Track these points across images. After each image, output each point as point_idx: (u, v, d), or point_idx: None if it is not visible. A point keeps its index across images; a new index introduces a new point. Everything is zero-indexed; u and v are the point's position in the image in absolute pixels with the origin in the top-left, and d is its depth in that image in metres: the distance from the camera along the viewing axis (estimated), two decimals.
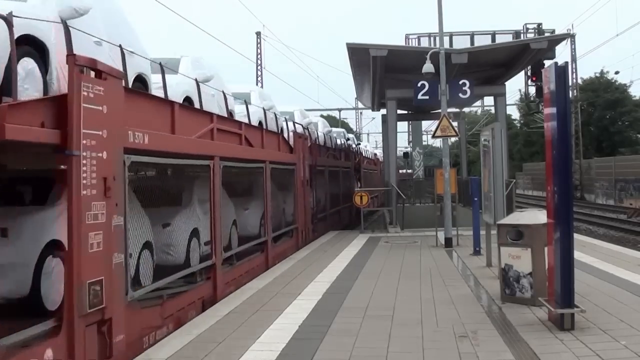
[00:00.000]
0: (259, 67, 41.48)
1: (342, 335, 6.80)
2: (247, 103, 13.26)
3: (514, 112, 60.61)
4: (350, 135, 37.09)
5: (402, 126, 36.83)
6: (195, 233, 9.52)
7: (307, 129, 19.69)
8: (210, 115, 10.08)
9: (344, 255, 13.74)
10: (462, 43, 24.20)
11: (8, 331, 5.33)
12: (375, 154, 45.22)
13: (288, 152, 16.11)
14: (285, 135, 16.44)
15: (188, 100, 9.71)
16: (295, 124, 18.08)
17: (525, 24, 29.54)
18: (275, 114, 15.75)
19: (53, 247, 6.23)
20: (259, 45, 41.43)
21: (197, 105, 10.01)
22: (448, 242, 14.66)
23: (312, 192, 18.89)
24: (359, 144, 34.09)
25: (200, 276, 9.47)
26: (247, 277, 11.15)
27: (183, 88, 9.70)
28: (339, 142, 27.11)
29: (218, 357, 6.21)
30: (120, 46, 7.31)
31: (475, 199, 12.86)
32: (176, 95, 9.03)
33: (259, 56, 41.56)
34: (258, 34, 41.33)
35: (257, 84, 40.93)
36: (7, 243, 5.97)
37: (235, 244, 11.42)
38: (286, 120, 17.07)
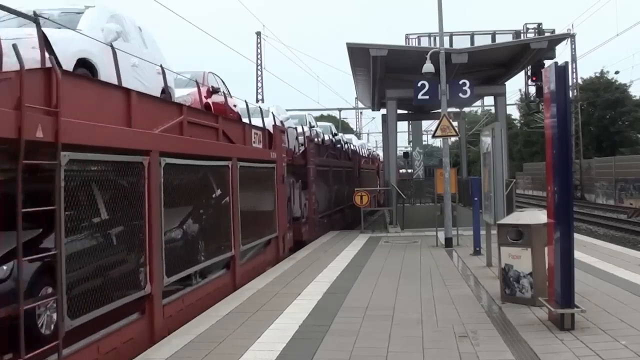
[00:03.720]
0: (259, 67, 41.54)
1: (342, 335, 6.80)
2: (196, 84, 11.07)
3: (514, 112, 60.81)
4: (350, 136, 35.99)
5: (402, 126, 36.82)
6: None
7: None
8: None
9: (344, 255, 13.74)
10: (462, 43, 24.18)
11: None
12: (371, 152, 43.70)
13: (265, 148, 13.89)
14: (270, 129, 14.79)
15: (84, 63, 7.02)
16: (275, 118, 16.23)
17: (525, 24, 29.55)
18: (246, 102, 13.69)
19: None
20: (259, 45, 41.52)
21: (102, 73, 7.31)
22: (448, 242, 14.66)
23: (299, 194, 18.30)
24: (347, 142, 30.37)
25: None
26: (206, 303, 8.79)
27: (77, 47, 6.99)
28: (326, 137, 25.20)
29: (218, 357, 6.20)
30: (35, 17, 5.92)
31: (476, 198, 12.87)
32: (65, 55, 6.54)
33: (259, 56, 41.64)
34: (258, 34, 41.43)
35: (257, 84, 41.13)
36: None
37: (195, 261, 9.09)
38: (261, 110, 14.92)
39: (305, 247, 15.94)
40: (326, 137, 23.98)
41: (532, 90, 33.10)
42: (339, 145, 26.35)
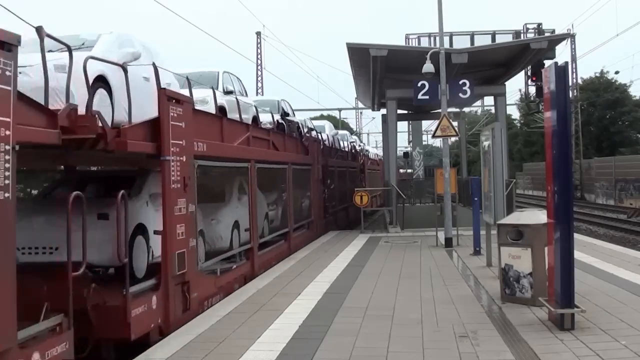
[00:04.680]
0: (259, 67, 41.54)
1: (342, 335, 6.80)
2: None
3: (514, 112, 60.79)
4: (323, 122, 27.40)
5: (402, 126, 36.76)
6: None
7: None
8: None
9: (344, 255, 13.73)
10: (462, 43, 24.18)
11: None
12: (355, 147, 32.86)
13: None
14: None
15: None
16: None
17: (525, 24, 29.54)
18: None
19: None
20: (259, 45, 41.51)
21: None
22: (448, 242, 14.66)
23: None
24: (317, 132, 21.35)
25: None
26: None
27: None
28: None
29: (218, 357, 6.21)
30: None
31: (476, 198, 12.86)
32: None
33: (259, 56, 41.63)
34: (258, 34, 41.40)
35: (257, 84, 41.10)
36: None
37: None
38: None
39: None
40: (267, 118, 14.91)
41: (532, 90, 33.15)
42: (295, 134, 17.55)
